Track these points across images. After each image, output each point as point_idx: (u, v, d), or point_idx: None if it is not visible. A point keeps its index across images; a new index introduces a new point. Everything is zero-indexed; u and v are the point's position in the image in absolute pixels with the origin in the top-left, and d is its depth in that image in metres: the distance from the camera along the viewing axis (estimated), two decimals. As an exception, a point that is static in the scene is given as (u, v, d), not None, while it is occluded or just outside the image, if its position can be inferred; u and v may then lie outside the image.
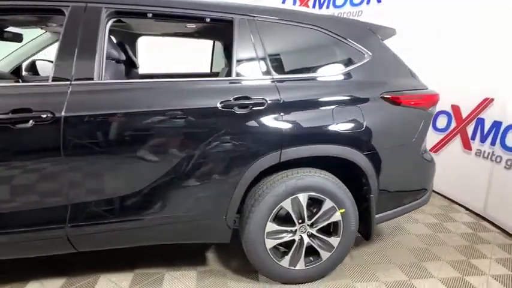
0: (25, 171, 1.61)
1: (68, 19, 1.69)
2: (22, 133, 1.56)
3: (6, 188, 1.61)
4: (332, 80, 2.00)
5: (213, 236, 1.97)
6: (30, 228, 1.66)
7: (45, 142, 1.60)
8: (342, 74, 2.02)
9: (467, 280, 2.21)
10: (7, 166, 1.59)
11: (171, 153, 1.74)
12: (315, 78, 1.99)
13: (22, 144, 1.58)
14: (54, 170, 1.62)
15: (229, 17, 1.90)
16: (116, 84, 1.75)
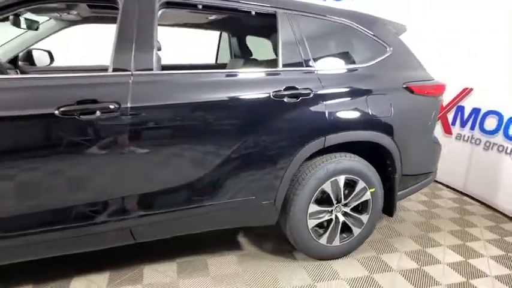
0: (91, 163, 1.58)
1: (123, 8, 1.67)
2: (88, 124, 1.53)
3: (71, 182, 1.57)
4: (363, 71, 2.18)
5: (262, 219, 2.07)
6: (94, 221, 1.64)
7: (112, 133, 1.58)
8: (371, 66, 2.20)
9: (469, 245, 2.55)
10: (72, 159, 1.55)
11: (229, 141, 1.81)
12: (349, 69, 2.15)
13: (88, 135, 1.55)
14: (119, 161, 1.62)
15: (273, 10, 1.99)
16: (175, 76, 1.76)
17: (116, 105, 1.56)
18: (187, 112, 1.72)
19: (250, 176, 1.89)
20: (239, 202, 1.91)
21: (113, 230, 1.69)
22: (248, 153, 1.84)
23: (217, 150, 1.79)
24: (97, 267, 2.05)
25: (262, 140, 1.86)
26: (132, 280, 1.97)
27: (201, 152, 1.76)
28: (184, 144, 1.73)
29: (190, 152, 1.75)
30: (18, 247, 1.57)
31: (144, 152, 1.65)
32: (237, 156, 1.82)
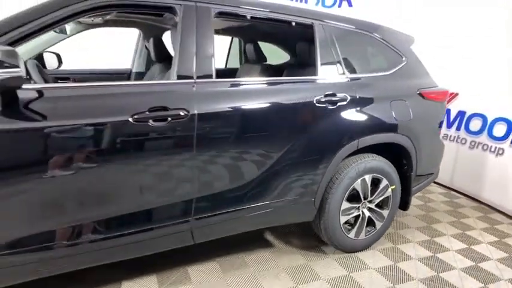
0: (158, 169, 1.63)
1: (183, 17, 1.73)
2: (159, 130, 1.59)
3: (140, 187, 1.61)
4: (386, 78, 2.39)
5: (303, 216, 2.21)
6: (157, 225, 1.69)
7: (180, 139, 1.65)
8: (392, 74, 2.42)
9: (468, 234, 2.87)
10: (144, 164, 1.60)
11: (279, 145, 1.93)
12: (375, 77, 2.35)
13: (158, 141, 1.61)
14: (185, 165, 1.69)
15: (311, 22, 2.14)
16: (231, 83, 1.85)
17: (186, 112, 1.62)
18: (243, 118, 1.82)
19: (296, 177, 2.03)
20: (286, 201, 2.04)
21: (177, 232, 1.76)
22: (295, 155, 1.98)
23: (269, 153, 1.91)
24: (142, 271, 2.07)
25: (307, 143, 2.01)
26: (180, 281, 2.02)
27: (256, 155, 1.88)
28: (241, 149, 1.83)
29: (247, 155, 1.85)
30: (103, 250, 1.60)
31: (207, 157, 1.73)
32: (286, 159, 1.96)
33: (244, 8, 1.92)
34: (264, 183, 1.93)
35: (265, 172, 1.91)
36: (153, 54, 2.58)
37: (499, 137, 3.38)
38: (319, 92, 2.05)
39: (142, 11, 1.85)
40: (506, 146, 3.32)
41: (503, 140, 3.34)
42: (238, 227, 2.01)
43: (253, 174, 1.88)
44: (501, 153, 3.36)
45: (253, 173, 1.88)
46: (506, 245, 2.73)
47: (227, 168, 1.80)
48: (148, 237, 1.69)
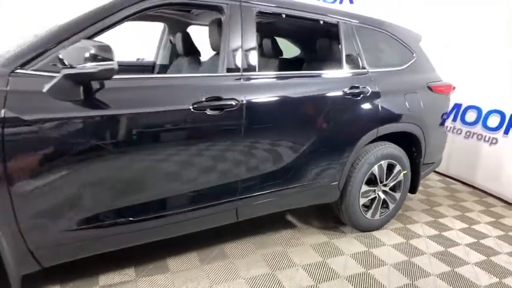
0: (212, 153, 1.81)
1: (230, 15, 1.89)
2: (213, 118, 1.76)
3: (196, 169, 1.79)
4: (399, 73, 2.62)
5: (329, 198, 2.42)
6: (211, 203, 1.88)
7: (231, 126, 1.83)
8: (404, 69, 2.65)
9: (467, 215, 3.16)
10: (202, 148, 1.77)
11: (314, 132, 2.14)
12: (390, 72, 2.57)
13: (214, 128, 1.78)
14: (234, 149, 1.87)
15: (336, 21, 2.33)
16: (272, 75, 2.04)
17: (236, 101, 1.80)
18: (283, 107, 2.01)
19: (325, 161, 2.24)
20: (316, 184, 2.26)
21: (225, 211, 1.94)
22: (325, 142, 2.19)
23: (304, 139, 2.11)
24: (182, 249, 2.25)
25: (336, 131, 2.22)
26: (220, 257, 2.21)
27: (293, 141, 2.08)
28: (280, 135, 2.03)
29: (285, 141, 2.05)
30: (163, 226, 1.79)
31: (252, 142, 1.92)
32: (318, 144, 2.16)
33: (281, 7, 2.10)
34: (299, 167, 2.13)
35: (301, 157, 2.11)
36: (180, 48, 2.72)
37: (493, 128, 3.68)
38: (345, 84, 2.26)
39: (193, 9, 2.00)
40: (499, 135, 3.62)
41: (497, 130, 3.64)
42: (275, 207, 2.21)
43: (290, 158, 2.08)
44: (495, 143, 3.66)
45: (290, 157, 2.08)
46: (502, 224, 3.03)
47: (268, 153, 2.00)
48: (203, 214, 1.88)
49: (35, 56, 1.43)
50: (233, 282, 1.97)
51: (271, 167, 2.03)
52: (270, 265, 2.16)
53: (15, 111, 1.34)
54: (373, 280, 2.10)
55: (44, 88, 1.39)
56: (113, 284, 1.89)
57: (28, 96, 1.39)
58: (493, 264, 2.39)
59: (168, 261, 2.12)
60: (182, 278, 1.98)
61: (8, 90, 1.34)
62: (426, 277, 2.17)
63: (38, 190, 1.43)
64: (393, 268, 2.24)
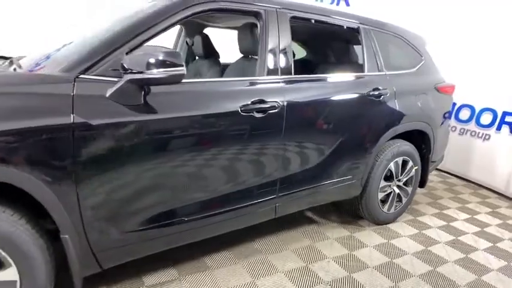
0: (257, 153, 1.90)
1: (268, 21, 1.98)
2: (258, 120, 1.84)
3: (244, 169, 1.87)
4: (412, 75, 2.78)
5: (352, 193, 2.55)
6: (254, 201, 1.96)
7: (274, 127, 1.92)
8: (415, 71, 2.83)
9: (467, 207, 3.39)
10: (247, 150, 1.85)
11: (341, 131, 2.26)
12: (404, 74, 2.73)
13: (258, 130, 1.87)
14: (276, 149, 1.96)
15: (357, 26, 2.47)
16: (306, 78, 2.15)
17: (278, 103, 1.90)
18: (316, 108, 2.13)
19: (351, 159, 2.38)
20: (343, 180, 2.39)
21: (267, 208, 2.03)
22: (352, 141, 2.33)
23: (335, 138, 2.24)
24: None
25: (361, 131, 2.36)
26: (253, 252, 2.30)
27: (325, 141, 2.21)
28: (314, 134, 2.15)
29: (318, 140, 2.18)
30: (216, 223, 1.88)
31: (291, 142, 2.02)
32: (346, 143, 2.29)
33: (311, 13, 2.21)
34: (330, 165, 2.26)
35: (331, 155, 2.24)
36: (199, 50, 2.78)
37: (486, 125, 3.95)
38: (368, 86, 2.39)
39: (235, 14, 2.06)
40: (492, 132, 3.89)
41: (490, 127, 3.91)
42: (308, 203, 2.33)
43: (322, 156, 2.20)
44: (488, 139, 3.93)
45: (323, 155, 2.20)
46: (499, 214, 3.28)
47: (304, 152, 2.11)
48: (248, 212, 1.97)
49: (96, 61, 1.46)
50: (273, 276, 2.06)
51: (306, 166, 2.14)
52: (302, 259, 2.27)
53: (82, 116, 1.37)
54: (399, 268, 2.25)
55: (107, 93, 1.43)
56: (159, 283, 1.94)
57: (93, 100, 1.42)
58: (499, 249, 2.60)
59: (205, 260, 2.18)
60: (223, 274, 2.05)
61: (75, 95, 1.37)
62: (444, 264, 2.35)
63: (102, 193, 1.47)
64: (414, 257, 2.40)
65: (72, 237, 1.42)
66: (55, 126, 1.31)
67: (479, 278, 2.22)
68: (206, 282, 1.97)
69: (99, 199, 1.46)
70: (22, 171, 1.26)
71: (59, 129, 1.32)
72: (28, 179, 1.28)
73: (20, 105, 1.28)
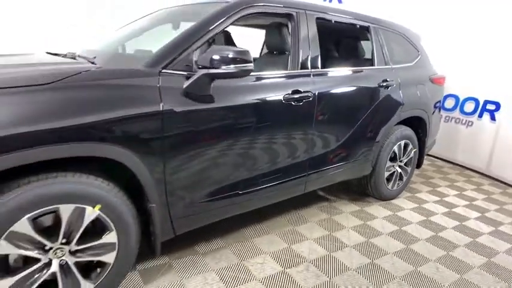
0: (295, 136, 2.21)
1: (299, 21, 2.28)
2: (296, 108, 2.15)
3: (285, 150, 2.18)
4: (411, 68, 3.17)
5: (364, 171, 2.90)
6: (292, 177, 2.29)
7: (308, 114, 2.24)
8: (414, 64, 3.21)
9: (456, 185, 3.85)
10: (288, 134, 2.17)
11: (358, 117, 2.61)
12: (405, 67, 3.11)
13: (296, 116, 2.18)
14: (308, 133, 2.28)
15: (367, 25, 2.81)
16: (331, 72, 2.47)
17: (310, 93, 2.21)
18: (340, 97, 2.46)
19: (366, 142, 2.74)
20: (358, 161, 2.74)
21: (299, 184, 2.36)
22: (367, 126, 2.68)
23: (354, 123, 2.59)
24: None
25: (374, 116, 2.71)
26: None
27: (346, 125, 2.54)
28: (338, 120, 2.48)
29: (340, 125, 2.51)
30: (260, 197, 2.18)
31: (320, 127, 2.34)
32: (362, 128, 2.64)
33: (333, 14, 2.53)
34: (349, 147, 2.61)
35: (350, 138, 2.58)
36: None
37: (469, 112, 4.43)
38: (379, 78, 2.75)
39: (274, 17, 2.34)
40: (474, 119, 4.37)
41: (472, 114, 4.39)
42: (330, 181, 2.66)
43: (344, 140, 2.54)
44: (470, 125, 4.41)
45: (344, 139, 2.54)
46: (483, 190, 3.77)
47: (330, 135, 2.44)
48: (287, 187, 2.29)
49: (173, 58, 1.72)
50: (305, 243, 2.40)
51: (331, 147, 2.48)
52: (325, 229, 2.62)
53: (168, 104, 1.63)
54: (408, 234, 2.64)
55: (184, 84, 1.70)
56: (211, 250, 2.22)
57: (174, 91, 1.68)
58: (487, 218, 3.05)
59: (244, 231, 2.48)
60: (262, 242, 2.36)
61: (160, 87, 1.64)
62: (444, 230, 2.76)
63: (182, 168, 1.74)
64: (418, 225, 2.80)
65: (157, 206, 1.69)
66: (149, 112, 1.57)
67: (474, 240, 2.65)
68: (249, 249, 2.27)
69: (179, 173, 1.73)
70: (126, 151, 1.52)
71: (152, 115, 1.58)
72: (130, 157, 1.54)
73: (123, 96, 1.53)
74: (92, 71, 1.55)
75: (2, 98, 1.28)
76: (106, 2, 4.77)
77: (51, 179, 1.40)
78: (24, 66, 1.72)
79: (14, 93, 1.31)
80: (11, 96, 1.30)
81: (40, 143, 1.31)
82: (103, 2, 4.71)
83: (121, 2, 4.87)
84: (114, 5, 4.81)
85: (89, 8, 4.58)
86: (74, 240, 1.50)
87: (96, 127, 1.44)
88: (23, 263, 1.44)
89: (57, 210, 1.42)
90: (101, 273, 1.62)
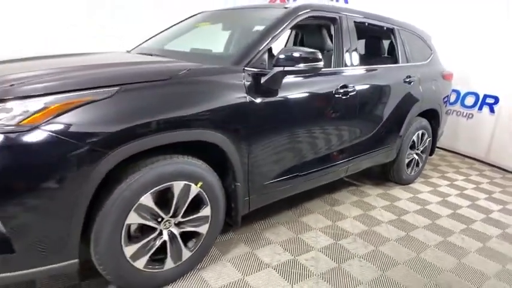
0: (343, 126, 2.54)
1: (342, 25, 2.59)
2: (344, 101, 2.46)
3: (336, 137, 2.50)
4: (427, 65, 3.52)
5: (390, 158, 3.24)
6: (338, 162, 2.60)
7: (352, 106, 2.55)
8: (429, 62, 3.57)
9: (461, 171, 4.25)
10: (338, 124, 2.48)
11: (389, 108, 2.94)
12: (422, 64, 3.46)
13: (343, 108, 2.49)
14: (352, 123, 2.61)
15: (392, 27, 3.14)
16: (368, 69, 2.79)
17: (353, 88, 2.52)
18: (375, 91, 2.79)
19: (393, 131, 3.08)
20: (387, 148, 3.08)
21: (343, 168, 2.67)
22: (395, 116, 3.02)
23: (385, 114, 2.91)
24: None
25: (399, 108, 3.04)
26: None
27: (378, 116, 2.87)
28: (375, 112, 2.82)
29: (377, 116, 2.85)
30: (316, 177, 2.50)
31: (361, 117, 2.66)
32: (392, 118, 2.97)
33: (367, 17, 2.84)
34: (381, 135, 2.94)
35: (382, 127, 2.91)
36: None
37: (469, 106, 4.84)
38: (404, 74, 3.09)
39: (323, 21, 2.63)
40: (474, 112, 4.79)
41: (473, 107, 4.81)
42: (364, 166, 2.99)
43: (377, 129, 2.87)
44: (471, 117, 4.83)
45: (378, 128, 2.87)
46: (486, 175, 4.19)
47: (368, 125, 2.77)
48: (333, 170, 2.60)
49: (252, 57, 1.99)
50: (346, 220, 2.71)
51: (369, 135, 2.80)
52: (360, 208, 2.94)
53: (252, 96, 1.91)
54: (431, 212, 3.00)
55: (262, 80, 1.97)
56: (268, 227, 2.51)
57: (254, 86, 1.95)
58: (494, 198, 3.45)
59: (290, 212, 2.77)
60: (311, 220, 2.64)
61: (245, 82, 1.91)
62: (460, 208, 3.13)
63: (260, 150, 2.01)
64: (438, 205, 3.17)
65: (241, 185, 1.97)
66: (240, 103, 1.85)
67: (488, 216, 3.03)
68: (300, 226, 2.57)
69: (257, 156, 2.00)
70: (223, 136, 1.79)
71: (241, 105, 1.86)
72: (226, 141, 1.80)
73: (220, 89, 1.80)
74: (195, 68, 1.81)
75: (140, 91, 1.53)
76: (106, 2, 4.86)
77: (168, 159, 1.65)
78: (133, 64, 1.96)
79: (145, 87, 1.56)
80: (145, 89, 1.55)
81: (168, 129, 1.57)
82: (103, 2, 4.81)
83: (121, 2, 5.01)
84: (114, 5, 4.94)
85: (89, 8, 4.69)
86: (180, 213, 1.76)
87: (204, 116, 1.71)
88: (139, 233, 1.69)
89: (171, 186, 1.68)
90: (196, 242, 1.89)
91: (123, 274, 1.64)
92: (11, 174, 1.30)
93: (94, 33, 4.66)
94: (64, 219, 1.40)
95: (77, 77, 1.54)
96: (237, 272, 1.99)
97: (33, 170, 1.32)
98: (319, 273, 2.04)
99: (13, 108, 1.34)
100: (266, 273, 2.00)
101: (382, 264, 2.18)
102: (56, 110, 1.36)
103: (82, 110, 1.40)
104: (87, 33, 4.60)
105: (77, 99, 1.40)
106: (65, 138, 1.34)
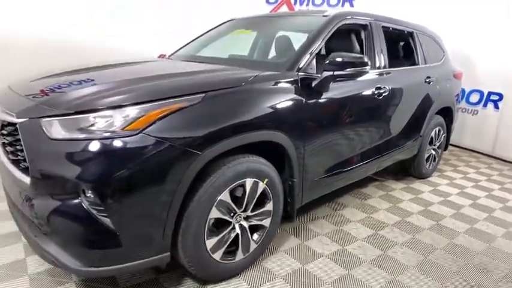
0: (379, 124, 2.75)
1: (373, 30, 2.78)
2: (379, 100, 2.66)
3: (374, 135, 2.71)
4: (441, 66, 3.75)
5: (412, 153, 3.45)
6: (374, 158, 2.80)
7: (385, 105, 2.75)
8: (442, 63, 3.80)
9: (471, 164, 4.50)
10: (372, 122, 2.67)
11: (413, 107, 3.15)
12: (437, 65, 3.69)
13: (380, 107, 2.70)
14: (385, 121, 2.80)
15: (412, 31, 3.36)
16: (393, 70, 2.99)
17: (386, 89, 2.72)
18: (403, 91, 2.98)
19: (416, 128, 3.29)
20: (410, 144, 3.29)
21: (377, 163, 2.87)
22: (418, 114, 3.23)
23: (410, 112, 3.12)
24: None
25: (422, 107, 3.26)
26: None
27: (405, 113, 3.08)
28: (403, 110, 3.02)
29: (404, 114, 3.06)
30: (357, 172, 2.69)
31: (393, 116, 2.87)
32: (415, 116, 3.19)
33: (392, 23, 3.05)
34: (408, 132, 3.15)
35: (408, 125, 3.13)
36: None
37: (474, 103, 5.11)
38: (424, 74, 3.31)
39: (355, 27, 2.81)
40: (479, 108, 5.06)
41: (477, 104, 5.07)
42: (391, 161, 3.19)
43: (404, 126, 3.08)
44: (476, 114, 5.10)
45: (405, 125, 3.08)
46: (494, 168, 4.45)
47: (398, 123, 2.98)
48: (370, 166, 2.80)
49: (303, 63, 2.17)
50: (379, 213, 2.90)
51: (397, 133, 3.01)
52: (389, 202, 3.14)
53: (305, 98, 2.08)
54: (453, 203, 3.22)
55: (313, 83, 2.15)
56: (310, 220, 2.68)
57: (307, 89, 2.12)
58: (507, 189, 3.70)
59: (326, 207, 2.95)
60: (348, 214, 2.84)
61: (299, 86, 2.08)
62: (479, 199, 3.36)
63: (313, 148, 2.18)
64: (457, 196, 3.40)
65: (297, 181, 2.14)
66: (298, 105, 2.02)
67: (505, 205, 3.26)
68: (339, 219, 2.74)
69: (310, 153, 2.18)
70: (285, 136, 1.95)
71: (299, 107, 2.03)
72: (287, 141, 1.97)
73: (282, 93, 1.97)
74: (260, 75, 1.97)
75: (222, 97, 1.69)
76: (106, 2, 4.92)
77: (242, 159, 1.81)
78: (208, 72, 2.08)
79: (226, 93, 1.72)
80: (225, 95, 1.71)
81: (246, 131, 1.74)
82: (103, 2, 4.87)
83: (121, 2, 5.08)
84: (114, 5, 5.02)
85: (89, 8, 4.75)
86: (250, 207, 1.92)
87: (272, 118, 1.87)
88: (214, 227, 1.84)
89: (244, 183, 1.84)
90: (261, 235, 2.05)
91: (206, 266, 1.79)
92: (119, 176, 1.43)
93: (94, 33, 4.72)
94: (163, 215, 1.55)
95: (165, 85, 1.69)
96: (296, 261, 2.16)
97: (139, 172, 1.46)
98: (369, 260, 2.22)
99: (112, 115, 1.48)
100: (322, 262, 2.17)
101: (422, 250, 2.38)
102: (155, 116, 1.51)
103: (176, 115, 1.55)
104: (87, 33, 4.65)
105: (171, 106, 1.55)
106: (165, 141, 1.49)
